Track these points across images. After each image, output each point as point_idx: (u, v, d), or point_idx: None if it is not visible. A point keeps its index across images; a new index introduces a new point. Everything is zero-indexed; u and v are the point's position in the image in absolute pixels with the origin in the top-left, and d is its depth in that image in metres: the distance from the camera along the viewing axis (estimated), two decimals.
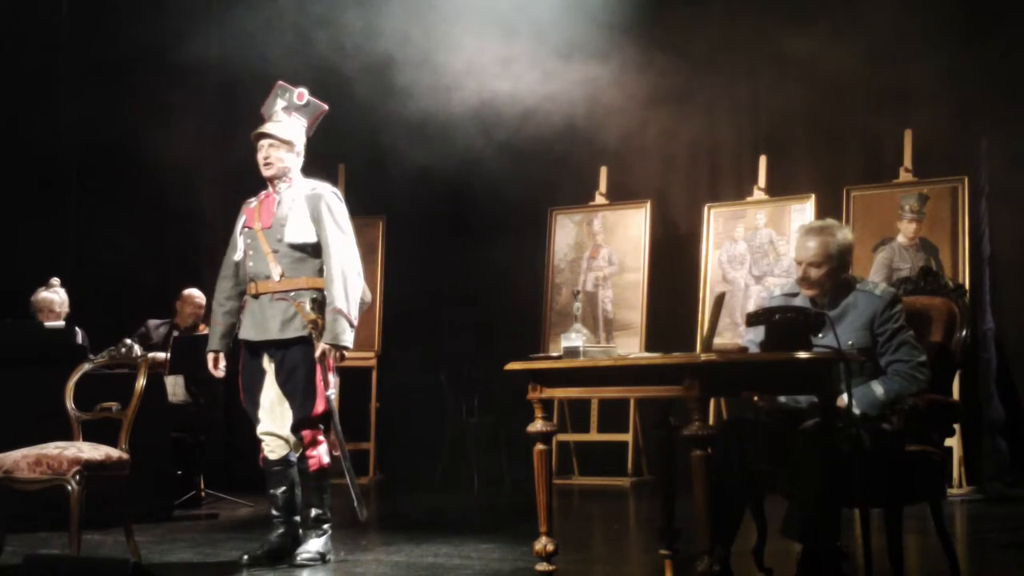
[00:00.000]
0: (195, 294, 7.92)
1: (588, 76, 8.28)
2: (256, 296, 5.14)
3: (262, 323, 5.11)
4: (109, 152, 8.57)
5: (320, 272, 5.12)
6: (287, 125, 5.21)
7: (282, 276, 5.10)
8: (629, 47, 8.17)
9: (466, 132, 8.09)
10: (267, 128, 5.19)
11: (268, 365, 5.15)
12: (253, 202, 5.30)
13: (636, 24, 8.07)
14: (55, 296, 7.13)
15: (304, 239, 5.10)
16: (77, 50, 8.58)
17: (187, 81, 8.55)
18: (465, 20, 7.89)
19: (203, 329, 7.71)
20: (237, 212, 5.37)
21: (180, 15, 8.60)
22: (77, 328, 6.69)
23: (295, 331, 5.05)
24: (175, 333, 7.80)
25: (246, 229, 5.23)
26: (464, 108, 8.04)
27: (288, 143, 5.18)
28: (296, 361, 5.06)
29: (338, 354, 5.03)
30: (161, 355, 7.31)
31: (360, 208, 8.99)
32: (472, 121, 8.06)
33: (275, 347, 5.11)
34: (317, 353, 4.99)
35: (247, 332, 5.17)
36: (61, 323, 6.86)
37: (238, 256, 5.24)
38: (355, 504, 5.04)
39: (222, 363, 5.26)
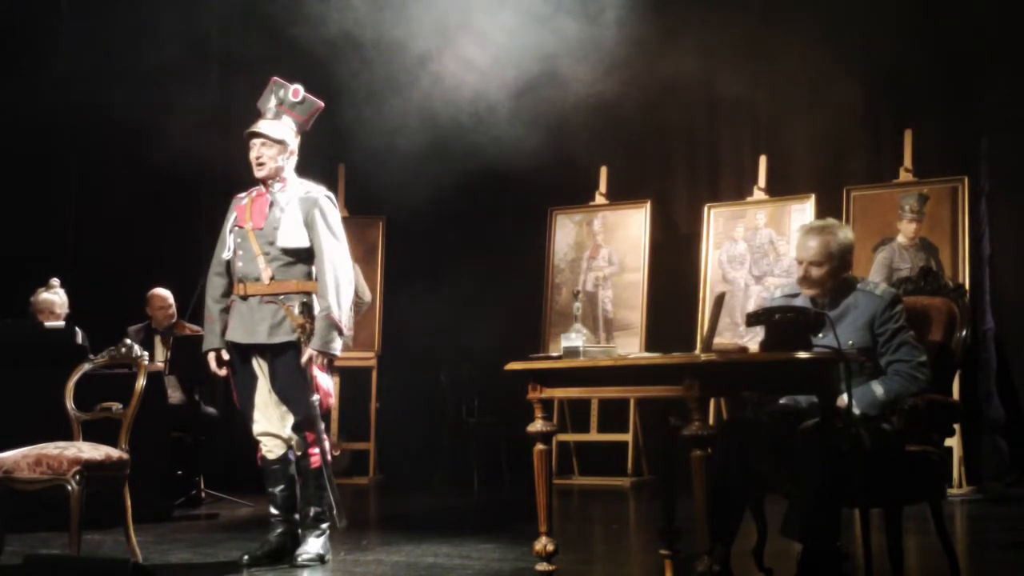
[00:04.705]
0: (161, 293, 7.83)
1: (588, 76, 8.28)
2: (244, 297, 5.10)
3: (250, 326, 5.07)
4: (110, 149, 8.56)
5: (309, 276, 5.09)
6: (280, 124, 5.15)
7: (272, 279, 5.07)
8: (630, 48, 8.16)
9: (466, 132, 8.08)
10: (259, 127, 5.14)
11: (259, 368, 5.13)
12: (244, 199, 5.24)
13: (636, 25, 8.06)
14: (55, 297, 7.13)
15: (296, 244, 5.06)
16: (75, 47, 8.59)
17: (187, 77, 8.54)
18: (465, 20, 7.89)
19: (184, 328, 7.70)
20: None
21: (178, 8, 8.60)
22: (77, 328, 6.68)
23: (284, 335, 5.02)
24: (156, 336, 7.79)
25: (237, 228, 5.18)
26: (464, 108, 8.04)
27: (281, 143, 5.13)
28: (289, 366, 5.03)
29: (325, 360, 5.01)
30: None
31: (360, 208, 9.05)
32: (472, 121, 8.05)
33: (266, 352, 5.09)
34: (304, 358, 4.97)
35: (235, 334, 5.12)
36: (61, 323, 6.85)
37: (227, 255, 5.18)
38: (334, 512, 5.02)
39: (225, 357, 5.16)
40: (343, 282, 5.05)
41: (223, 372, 5.21)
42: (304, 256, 5.10)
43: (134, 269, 8.44)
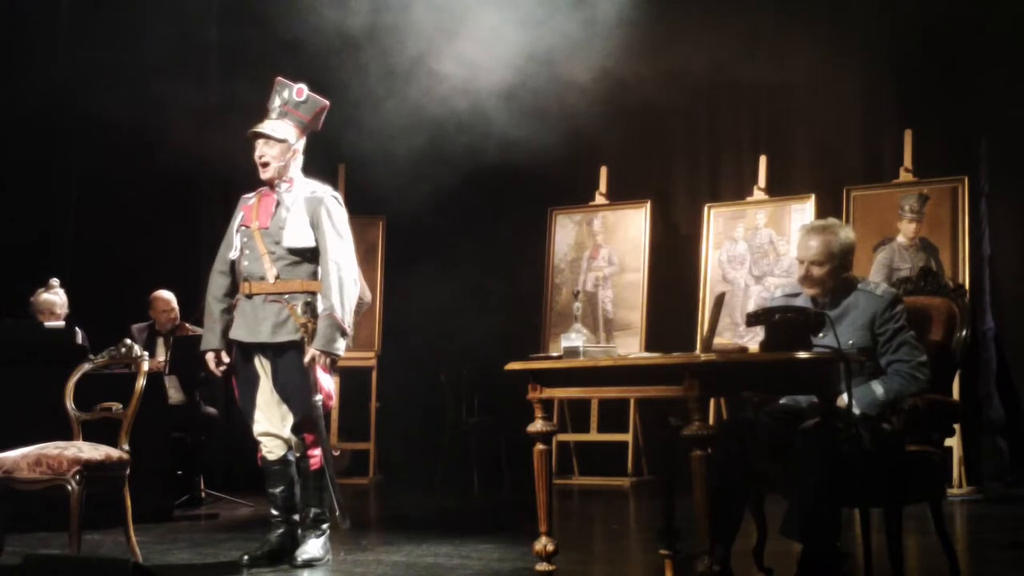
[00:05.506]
0: (164, 296, 7.80)
1: (588, 76, 8.27)
2: (249, 296, 5.10)
3: (254, 325, 5.07)
4: (110, 149, 8.56)
5: (314, 275, 5.08)
6: (283, 123, 5.12)
7: (277, 278, 5.06)
8: (630, 47, 8.17)
9: (466, 132, 8.08)
10: (262, 127, 5.12)
11: (261, 368, 5.13)
12: (251, 198, 5.24)
13: (636, 25, 8.07)
14: (55, 298, 7.13)
15: (302, 244, 5.06)
16: (75, 47, 8.59)
17: (189, 77, 8.55)
18: (464, 19, 7.88)
19: (187, 330, 7.70)
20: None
21: (178, 8, 8.61)
22: (77, 328, 6.69)
23: (287, 335, 5.02)
24: (159, 337, 7.79)
25: (243, 228, 5.17)
26: (464, 108, 8.03)
27: (283, 142, 5.10)
28: (291, 366, 5.03)
29: (328, 360, 5.00)
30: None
31: (360, 208, 9.02)
32: (472, 121, 8.05)
33: (269, 351, 5.09)
34: (307, 358, 4.96)
35: (238, 332, 5.12)
36: (61, 323, 6.85)
37: (233, 254, 5.18)
38: (337, 513, 5.02)
39: (225, 359, 5.18)
40: (347, 282, 5.04)
41: (219, 371, 5.21)
42: (309, 256, 5.09)
43: (135, 269, 8.43)
